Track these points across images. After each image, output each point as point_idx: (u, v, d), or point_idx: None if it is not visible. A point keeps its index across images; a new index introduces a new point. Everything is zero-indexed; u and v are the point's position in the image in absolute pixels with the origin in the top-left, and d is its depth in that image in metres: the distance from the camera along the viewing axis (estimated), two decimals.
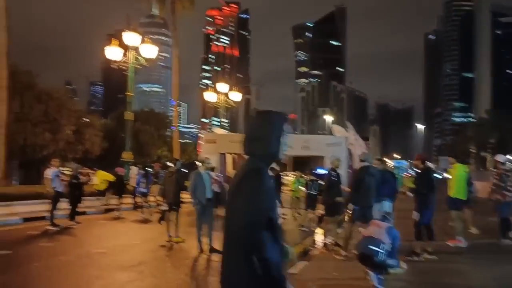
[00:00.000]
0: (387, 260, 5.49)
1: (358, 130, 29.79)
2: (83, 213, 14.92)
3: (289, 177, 54.51)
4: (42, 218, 12.77)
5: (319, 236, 11.17)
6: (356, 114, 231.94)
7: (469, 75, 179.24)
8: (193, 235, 10.57)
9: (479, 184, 13.48)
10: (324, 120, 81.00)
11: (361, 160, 8.76)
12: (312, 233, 12.34)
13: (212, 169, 11.66)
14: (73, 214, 12.78)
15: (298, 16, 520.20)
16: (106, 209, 16.71)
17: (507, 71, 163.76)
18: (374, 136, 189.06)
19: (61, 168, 14.30)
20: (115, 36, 24.28)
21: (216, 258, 8.61)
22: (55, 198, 12.17)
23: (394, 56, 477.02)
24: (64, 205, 12.73)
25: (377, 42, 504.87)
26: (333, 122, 71.91)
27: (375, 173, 8.51)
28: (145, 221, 14.39)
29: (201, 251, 9.06)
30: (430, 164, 9.45)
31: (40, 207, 13.43)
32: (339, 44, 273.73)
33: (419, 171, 8.64)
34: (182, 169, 10.85)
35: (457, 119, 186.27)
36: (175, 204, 10.25)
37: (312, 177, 16.18)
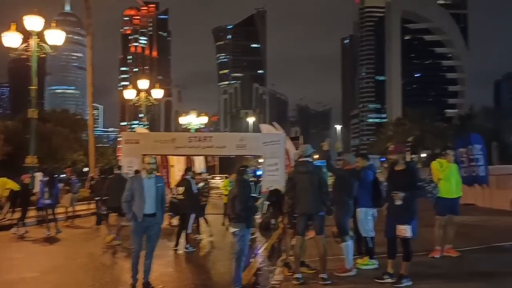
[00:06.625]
0: None
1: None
2: None
3: (217, 180, 52.17)
4: None
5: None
6: (277, 116, 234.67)
7: (382, 78, 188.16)
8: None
9: None
10: (247, 122, 79.67)
11: (301, 156, 6.73)
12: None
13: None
14: None
15: (218, 18, 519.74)
16: (3, 225, 13.50)
17: (415, 74, 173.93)
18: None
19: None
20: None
21: None
22: None
23: (313, 60, 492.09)
24: None
25: (297, 46, 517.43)
26: (254, 124, 70.88)
27: (316, 170, 6.62)
28: (51, 240, 11.56)
29: (133, 285, 6.64)
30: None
31: None
32: (259, 46, 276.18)
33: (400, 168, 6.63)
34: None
35: (372, 120, 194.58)
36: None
37: (253, 179, 14.41)
